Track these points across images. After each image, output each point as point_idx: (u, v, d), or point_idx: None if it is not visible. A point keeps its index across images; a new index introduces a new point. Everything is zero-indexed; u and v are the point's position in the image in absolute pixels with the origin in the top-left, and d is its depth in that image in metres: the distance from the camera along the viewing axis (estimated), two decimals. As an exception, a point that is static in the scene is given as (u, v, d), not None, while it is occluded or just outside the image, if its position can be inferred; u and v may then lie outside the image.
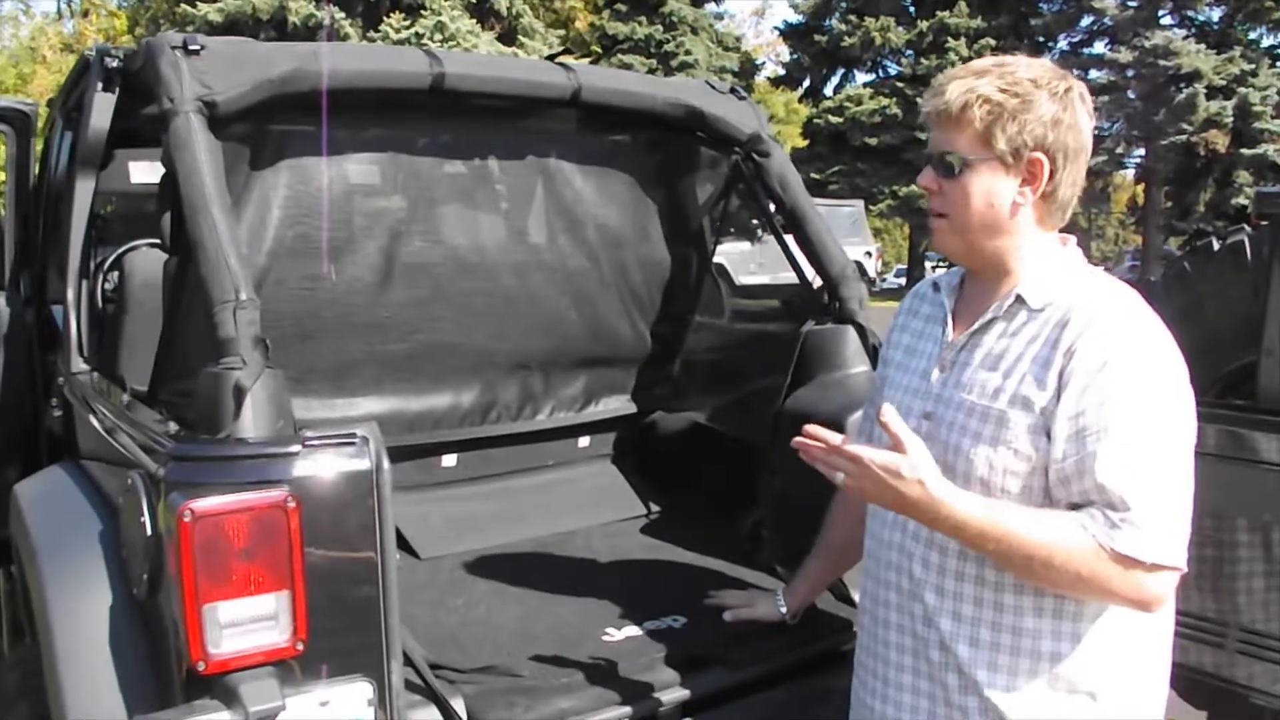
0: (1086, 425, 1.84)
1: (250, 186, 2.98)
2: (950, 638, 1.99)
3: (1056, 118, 1.93)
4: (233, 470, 2.00)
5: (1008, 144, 1.92)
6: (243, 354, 2.19)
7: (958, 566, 1.98)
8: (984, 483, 1.93)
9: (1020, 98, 1.91)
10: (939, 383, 2.07)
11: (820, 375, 3.26)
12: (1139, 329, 1.90)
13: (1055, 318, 1.93)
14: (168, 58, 2.60)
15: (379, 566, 2.07)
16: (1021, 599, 1.93)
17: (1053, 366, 1.88)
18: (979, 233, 1.99)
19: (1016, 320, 1.98)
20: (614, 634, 2.80)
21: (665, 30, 32.77)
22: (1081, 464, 1.83)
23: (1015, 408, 1.91)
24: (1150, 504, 1.80)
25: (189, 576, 1.90)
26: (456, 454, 3.67)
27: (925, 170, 2.03)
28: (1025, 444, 1.90)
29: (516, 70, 3.28)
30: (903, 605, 2.08)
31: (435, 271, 3.34)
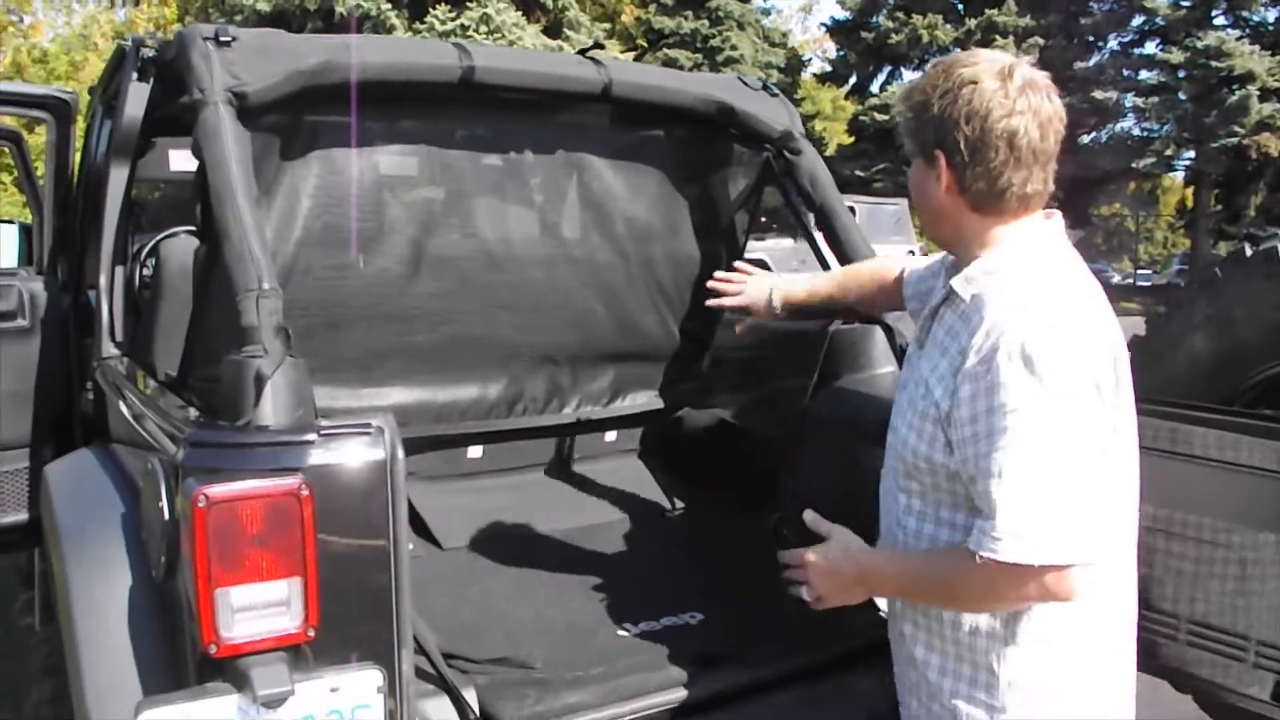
0: (978, 431, 1.90)
1: (280, 177, 3.01)
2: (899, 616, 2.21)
3: (948, 114, 1.97)
4: (248, 457, 2.01)
5: (917, 145, 2.06)
6: (264, 342, 2.22)
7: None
8: (904, 461, 2.11)
9: (919, 102, 2.03)
10: (914, 358, 2.19)
11: (847, 375, 3.25)
12: (1030, 322, 1.88)
13: (966, 312, 2.01)
14: (199, 48, 2.63)
15: (391, 555, 2.08)
16: None
17: (954, 364, 1.98)
18: (929, 222, 2.14)
19: (950, 310, 2.08)
20: (629, 629, 2.81)
21: (711, 25, 32.68)
22: (978, 465, 1.91)
23: (925, 398, 2.04)
24: (1029, 507, 1.84)
25: (202, 561, 1.91)
26: (483, 445, 3.69)
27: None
28: (928, 434, 2.03)
29: (546, 64, 3.29)
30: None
31: (463, 264, 3.36)
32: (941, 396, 1.99)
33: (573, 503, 3.70)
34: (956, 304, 2.05)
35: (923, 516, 2.10)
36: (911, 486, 2.11)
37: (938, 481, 2.04)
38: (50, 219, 4.38)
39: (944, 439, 1.99)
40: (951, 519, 2.04)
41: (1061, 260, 2.04)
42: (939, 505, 2.06)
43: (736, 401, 3.90)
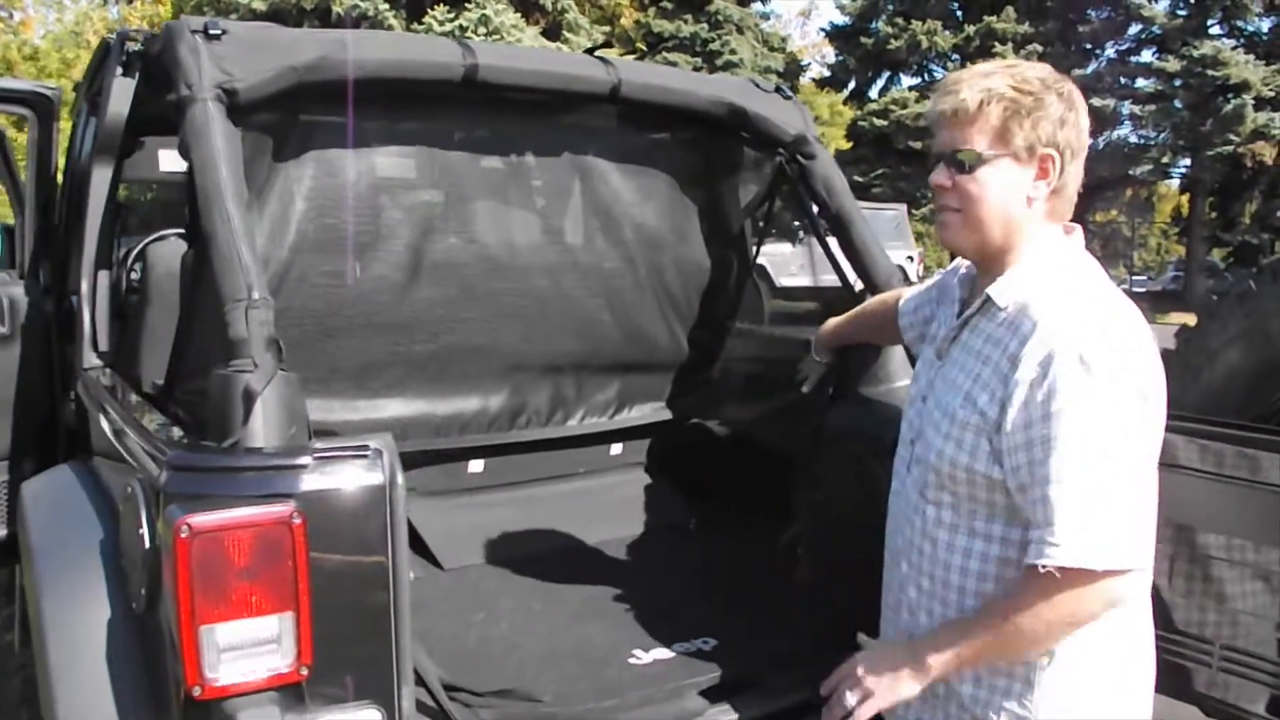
0: (1033, 437, 1.87)
1: (273, 178, 2.87)
2: (916, 604, 2.15)
3: (1063, 117, 1.99)
4: (235, 483, 1.87)
5: (1023, 140, 1.98)
6: (254, 356, 2.08)
7: (930, 569, 2.12)
8: (938, 473, 2.06)
9: (1033, 96, 1.98)
10: (936, 369, 2.17)
11: (863, 388, 3.11)
12: (1086, 329, 1.88)
13: (1010, 319, 1.99)
14: (187, 42, 2.49)
15: (390, 588, 1.93)
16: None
17: (1001, 372, 1.95)
18: (991, 227, 2.03)
19: (986, 318, 2.06)
20: (641, 656, 2.66)
21: (711, 29, 32.52)
22: (1033, 474, 1.88)
23: (966, 407, 2.00)
24: (1088, 511, 1.83)
25: (185, 596, 1.76)
26: (484, 459, 3.55)
27: (938, 168, 2.06)
28: (969, 443, 1.99)
29: (554, 64, 3.14)
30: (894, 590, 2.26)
31: (464, 270, 3.23)
32: (988, 405, 1.96)
33: (578, 518, 3.55)
34: (993, 312, 2.04)
35: (955, 529, 2.06)
36: (943, 498, 2.07)
37: (974, 492, 2.01)
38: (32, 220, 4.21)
39: (988, 448, 1.96)
40: (987, 530, 2.01)
41: (1094, 271, 2.06)
42: (973, 516, 2.03)
43: (747, 414, 3.75)
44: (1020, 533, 1.95)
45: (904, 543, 2.18)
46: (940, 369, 2.15)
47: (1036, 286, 1.98)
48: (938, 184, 2.05)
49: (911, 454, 2.18)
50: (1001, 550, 1.99)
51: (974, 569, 2.02)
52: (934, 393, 2.13)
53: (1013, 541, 1.97)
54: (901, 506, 2.21)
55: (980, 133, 1.99)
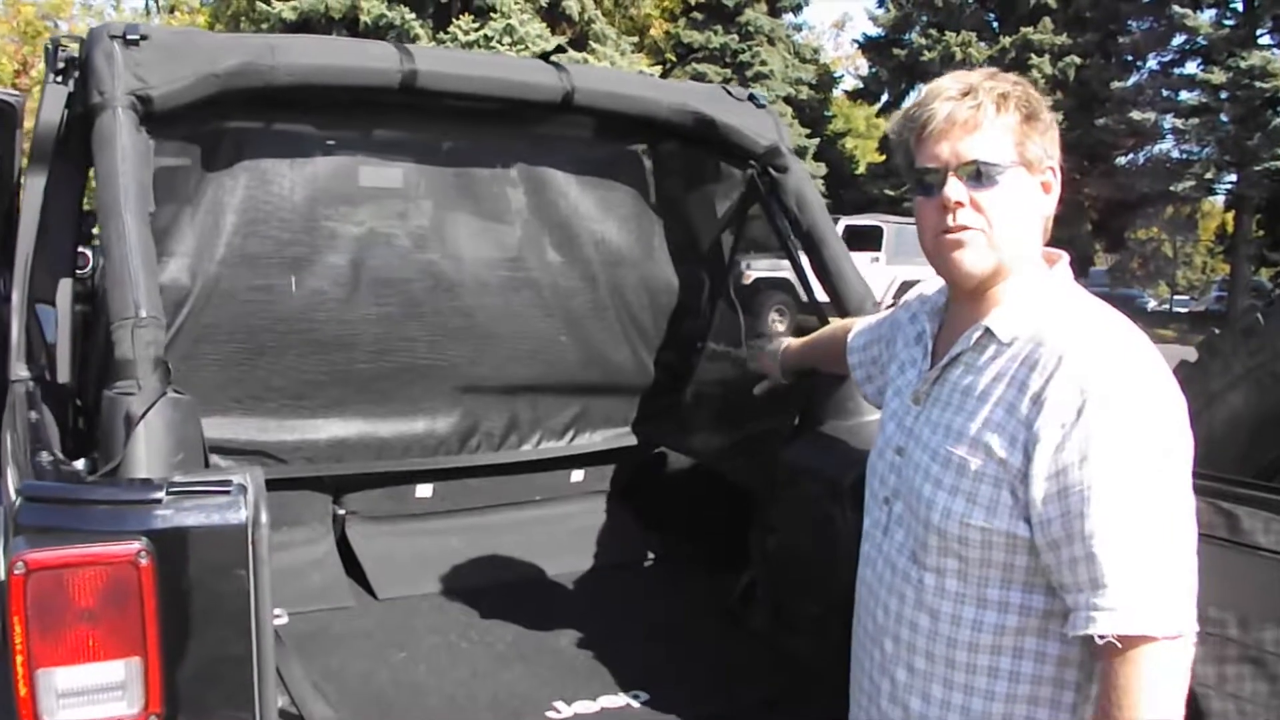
0: (1068, 484, 1.64)
1: (202, 189, 2.79)
2: (904, 689, 1.87)
3: (1055, 130, 1.84)
4: (85, 516, 1.73)
5: (1036, 150, 1.80)
6: (139, 377, 2.01)
7: (927, 646, 1.83)
8: (941, 534, 1.78)
9: (1037, 103, 1.82)
10: (913, 416, 1.92)
11: (830, 422, 2.89)
12: (1117, 366, 1.67)
13: (1023, 354, 1.75)
14: (103, 48, 2.41)
15: (252, 633, 1.79)
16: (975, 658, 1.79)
17: (1019, 414, 1.71)
18: (1014, 246, 1.80)
19: (985, 354, 1.81)
20: (561, 710, 2.53)
21: (741, 40, 32.38)
22: (1069, 527, 1.64)
23: (976, 454, 1.75)
24: (1142, 570, 1.61)
25: (22, 636, 1.64)
26: (434, 483, 3.41)
27: (951, 181, 1.78)
28: (985, 497, 1.74)
29: (500, 69, 3.01)
30: (873, 676, 1.96)
31: (408, 287, 3.11)
32: (1007, 450, 1.71)
33: (528, 549, 3.42)
34: (994, 347, 1.80)
35: (961, 599, 1.79)
36: (947, 564, 1.80)
37: (989, 555, 1.74)
38: None
39: (1011, 501, 1.71)
40: (1002, 599, 1.75)
41: (1094, 299, 1.85)
42: (984, 584, 1.76)
43: (716, 442, 3.56)
44: (1042, 600, 1.72)
45: (888, 618, 1.90)
46: (922, 414, 1.90)
47: (1048, 317, 1.76)
48: (955, 200, 1.77)
49: (889, 515, 1.93)
50: (1020, 620, 1.74)
51: (985, 643, 1.76)
52: (917, 442, 1.88)
53: (1033, 610, 1.73)
54: (883, 575, 1.93)
55: (1000, 141, 1.77)
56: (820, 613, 2.48)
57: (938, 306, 2.01)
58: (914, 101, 1.88)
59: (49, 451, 2.12)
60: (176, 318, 2.78)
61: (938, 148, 1.79)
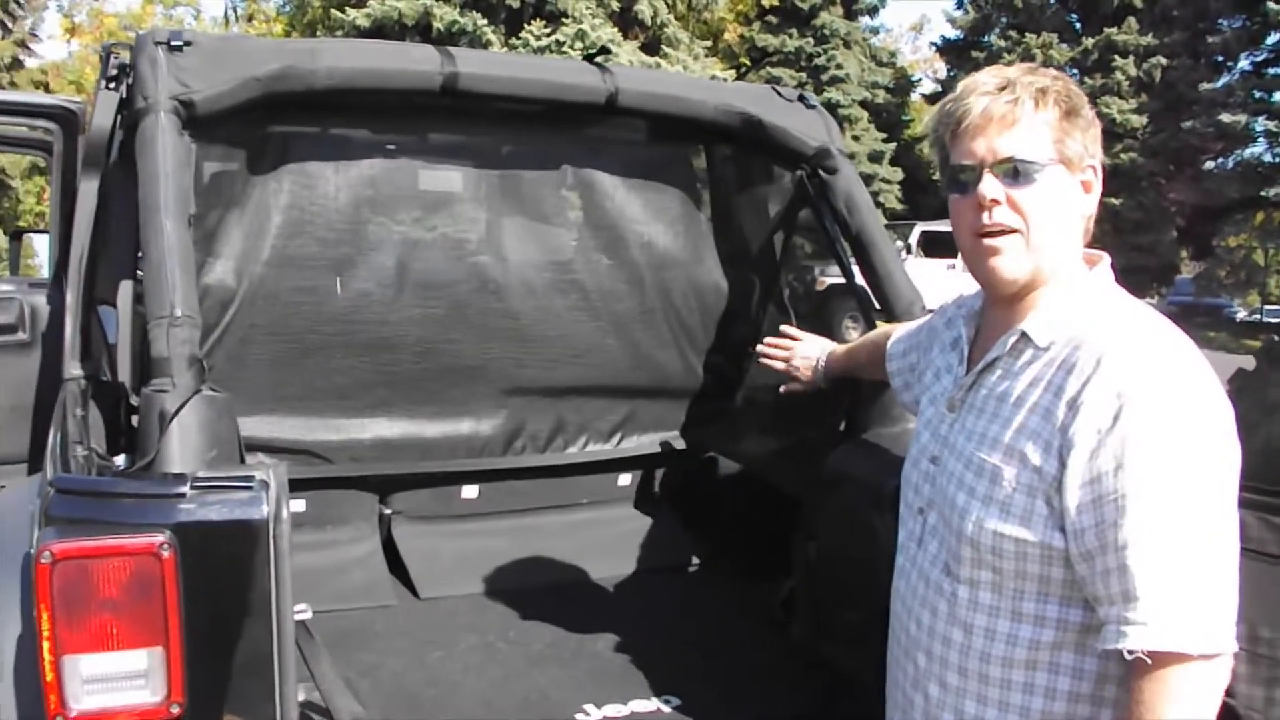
0: (1103, 492, 1.58)
1: (247, 192, 2.83)
2: (937, 705, 1.83)
3: (1096, 129, 1.79)
4: (111, 509, 1.78)
5: (1076, 147, 1.74)
6: (173, 375, 2.05)
7: (960, 661, 1.78)
8: (975, 545, 1.73)
9: (1078, 99, 1.76)
10: (948, 424, 1.88)
11: (875, 428, 2.84)
12: (1157, 369, 1.62)
13: (1060, 358, 1.70)
14: (148, 53, 2.45)
15: (273, 626, 1.82)
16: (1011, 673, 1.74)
17: (1055, 419, 1.65)
18: (1053, 248, 1.75)
19: (1021, 359, 1.77)
20: (590, 713, 2.52)
21: (816, 43, 32.21)
22: (1103, 537, 1.58)
23: (1011, 462, 1.70)
24: (1185, 582, 1.54)
25: (49, 624, 1.69)
26: (479, 485, 3.43)
27: (986, 179, 1.73)
28: (1020, 506, 1.68)
29: (542, 71, 3.02)
30: (907, 691, 1.91)
31: (454, 289, 3.14)
32: (1043, 458, 1.66)
33: (572, 552, 3.42)
34: (1031, 352, 1.75)
35: (995, 613, 1.74)
36: (980, 577, 1.75)
37: (1024, 567, 1.69)
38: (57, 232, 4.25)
39: (1046, 511, 1.66)
40: (1038, 612, 1.70)
41: (1138, 302, 1.80)
42: (1019, 597, 1.72)
43: (763, 448, 3.52)
44: (1080, 614, 1.67)
45: (920, 632, 1.86)
46: (957, 422, 1.85)
47: (1086, 321, 1.71)
48: (991, 198, 1.72)
49: (924, 526, 1.89)
50: (1056, 635, 1.68)
51: (1020, 658, 1.71)
52: (951, 450, 1.84)
53: (1070, 624, 1.68)
54: (916, 588, 1.89)
55: (1037, 137, 1.72)
56: (859, 621, 2.44)
57: (974, 311, 1.97)
58: (950, 97, 1.82)
59: (87, 447, 2.17)
60: (223, 318, 2.84)
61: (973, 144, 1.75)
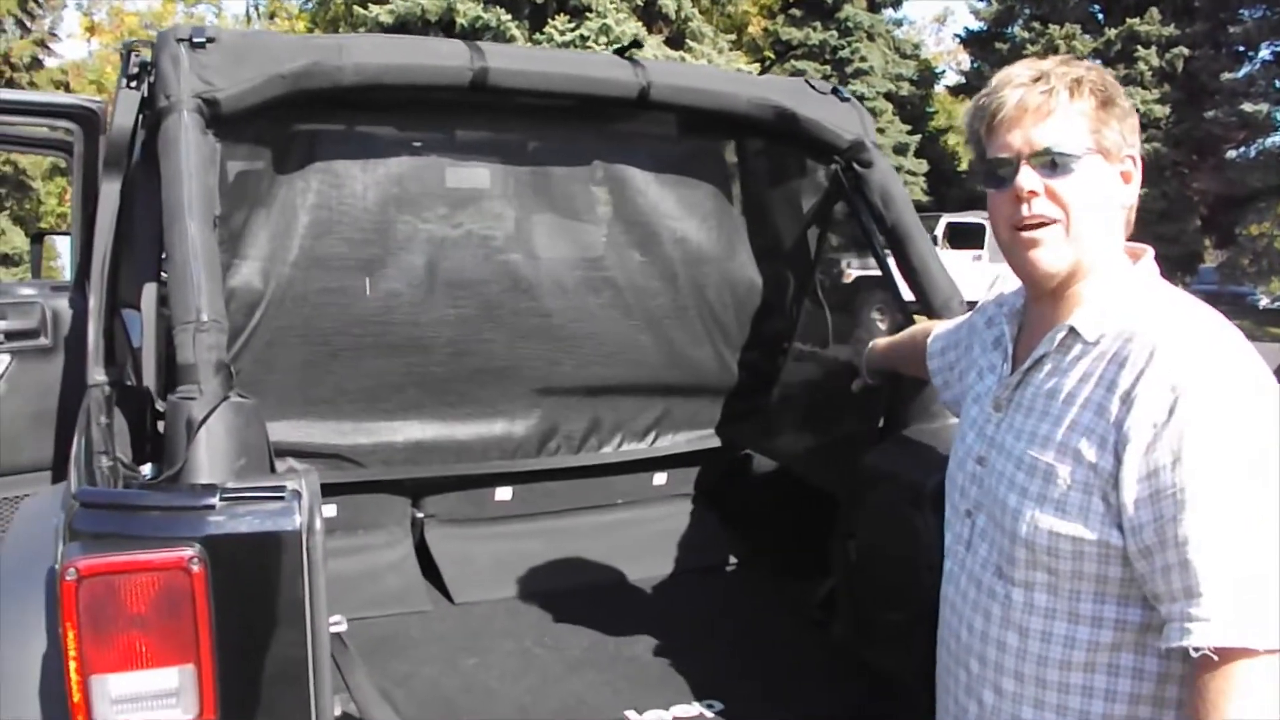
0: (1161, 486, 1.55)
1: (273, 191, 2.78)
2: (992, 712, 1.79)
3: (1134, 118, 1.77)
4: (138, 522, 1.72)
5: (1113, 137, 1.73)
6: (200, 382, 1.99)
7: (1016, 665, 1.75)
8: (1028, 544, 1.70)
9: (1114, 89, 1.75)
10: (994, 424, 1.85)
11: (914, 425, 2.79)
12: (1211, 360, 1.58)
13: (1111, 351, 1.66)
14: (170, 51, 2.40)
15: (308, 641, 1.76)
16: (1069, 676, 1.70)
17: (1109, 414, 1.62)
18: (1093, 239, 1.73)
19: (1070, 355, 1.74)
20: (631, 719, 2.47)
21: (841, 36, 32.00)
22: (1162, 533, 1.55)
23: (1065, 460, 1.67)
24: (1249, 578, 1.50)
25: (75, 643, 1.63)
26: (513, 486, 3.37)
27: (1024, 170, 1.72)
28: (1075, 504, 1.65)
29: (573, 65, 2.94)
30: (959, 699, 1.87)
31: (485, 288, 3.07)
32: (1097, 454, 1.62)
33: (608, 553, 3.37)
34: (1079, 347, 1.72)
35: (1051, 614, 1.70)
36: (1036, 578, 1.71)
37: (1081, 567, 1.66)
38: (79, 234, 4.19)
39: (1103, 508, 1.62)
40: (1096, 613, 1.66)
41: (1186, 295, 1.76)
42: (1076, 598, 1.68)
43: (800, 445, 3.47)
44: (1139, 613, 1.63)
45: (972, 638, 1.82)
46: (1004, 421, 1.82)
47: (1135, 313, 1.68)
48: (1029, 190, 1.72)
49: (972, 529, 1.86)
50: (1115, 635, 1.65)
51: (1078, 660, 1.67)
52: (1000, 451, 1.81)
53: (1129, 624, 1.64)
54: (967, 592, 1.85)
55: (1073, 127, 1.71)
56: (901, 622, 2.40)
57: (1016, 309, 1.94)
58: (984, 91, 1.82)
59: (112, 456, 2.12)
60: (250, 321, 2.78)
61: (1009, 136, 1.74)
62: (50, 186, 27.56)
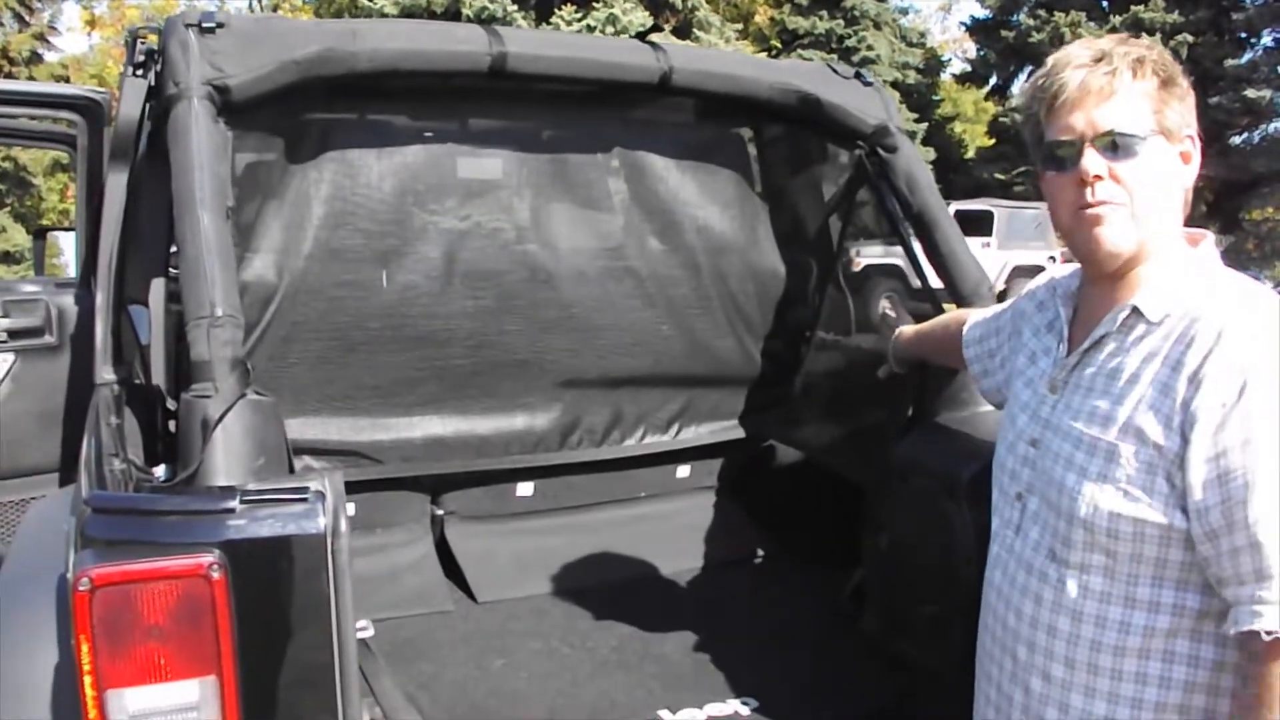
0: (1230, 468, 1.53)
1: (287, 182, 2.70)
2: (1039, 700, 1.76)
3: (1191, 99, 1.73)
4: (153, 527, 1.64)
5: (1175, 118, 1.70)
6: (216, 379, 1.91)
7: (1067, 651, 1.72)
8: (1087, 526, 1.68)
9: (1174, 68, 1.71)
10: (1049, 405, 1.82)
11: (945, 413, 2.73)
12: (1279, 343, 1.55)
13: (1177, 332, 1.64)
14: (178, 37, 2.31)
15: (334, 648, 1.68)
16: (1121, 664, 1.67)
17: (1175, 394, 1.60)
18: (1159, 220, 1.71)
19: (1133, 335, 1.71)
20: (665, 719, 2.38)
21: (847, 25, 31.88)
22: (1230, 515, 1.53)
23: (1128, 439, 1.64)
24: None
25: (90, 657, 1.54)
26: (535, 481, 3.30)
27: (1088, 153, 1.69)
28: (1139, 484, 1.62)
29: (594, 50, 2.86)
30: (1003, 686, 1.85)
31: (504, 279, 3.01)
32: (1163, 434, 1.59)
33: (632, 548, 3.31)
34: (1141, 327, 1.69)
35: (1106, 599, 1.68)
36: (1092, 561, 1.68)
37: (1140, 550, 1.63)
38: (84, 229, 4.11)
39: (1167, 489, 1.60)
40: (1153, 598, 1.64)
41: (1244, 277, 1.74)
42: (1134, 581, 1.65)
43: (826, 436, 3.40)
44: (1197, 599, 1.60)
45: (1020, 623, 1.79)
46: (1060, 402, 1.79)
47: (1199, 294, 1.65)
48: (1094, 173, 1.68)
49: (1023, 512, 1.82)
50: (1172, 621, 1.62)
51: (1133, 646, 1.65)
52: (1055, 432, 1.77)
53: (1186, 610, 1.61)
54: (1014, 578, 1.82)
55: (1138, 108, 1.68)
56: (936, 615, 2.36)
57: (1070, 291, 1.90)
58: (1041, 72, 1.77)
59: (124, 458, 2.04)
60: (264, 315, 2.71)
61: (1071, 118, 1.70)
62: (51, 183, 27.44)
